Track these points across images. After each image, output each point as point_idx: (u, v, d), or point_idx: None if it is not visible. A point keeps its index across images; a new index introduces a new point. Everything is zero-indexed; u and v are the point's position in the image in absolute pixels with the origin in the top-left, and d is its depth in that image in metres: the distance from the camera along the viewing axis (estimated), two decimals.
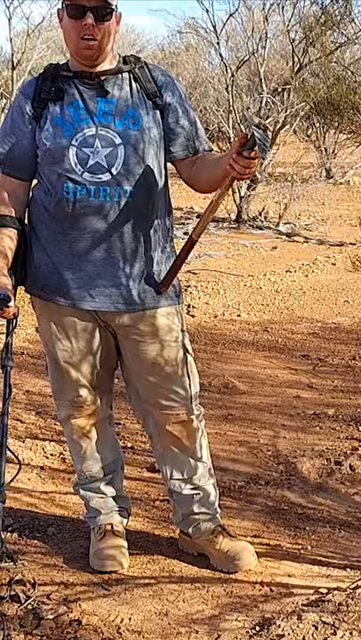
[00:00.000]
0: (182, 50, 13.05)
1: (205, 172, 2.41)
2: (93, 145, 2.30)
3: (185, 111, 2.41)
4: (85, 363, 2.48)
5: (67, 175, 2.31)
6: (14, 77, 9.78)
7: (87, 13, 2.24)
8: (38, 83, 2.36)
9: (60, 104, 2.33)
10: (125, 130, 2.32)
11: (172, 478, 2.58)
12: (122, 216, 2.33)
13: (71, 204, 2.32)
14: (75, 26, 2.26)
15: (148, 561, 2.63)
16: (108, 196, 2.31)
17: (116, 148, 2.31)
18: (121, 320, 2.43)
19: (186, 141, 2.42)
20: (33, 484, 3.12)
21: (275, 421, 3.85)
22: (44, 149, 2.33)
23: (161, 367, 2.46)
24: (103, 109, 2.32)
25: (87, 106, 2.32)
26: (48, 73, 2.37)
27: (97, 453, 2.60)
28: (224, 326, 5.40)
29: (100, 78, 2.33)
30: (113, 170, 2.31)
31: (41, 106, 2.33)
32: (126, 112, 2.33)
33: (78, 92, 2.33)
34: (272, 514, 2.97)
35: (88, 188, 2.30)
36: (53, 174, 2.33)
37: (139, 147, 2.33)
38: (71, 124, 2.31)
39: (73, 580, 2.51)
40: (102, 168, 2.30)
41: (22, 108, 2.36)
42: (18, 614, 2.31)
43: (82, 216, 2.33)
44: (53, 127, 2.32)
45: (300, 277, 6.73)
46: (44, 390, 4.08)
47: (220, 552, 2.58)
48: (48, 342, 2.49)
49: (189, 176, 2.46)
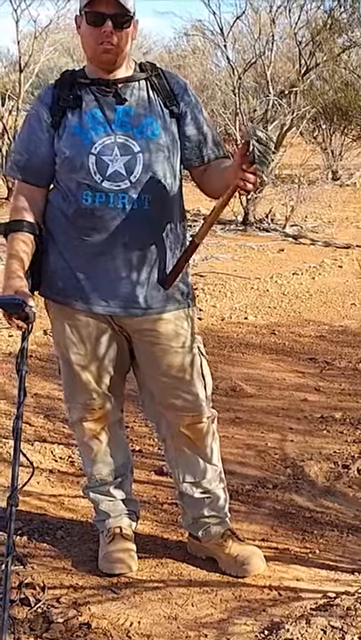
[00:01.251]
0: (189, 52, 13.06)
1: (213, 180, 2.44)
2: (112, 153, 2.32)
3: (199, 119, 2.44)
4: (98, 366, 2.49)
5: (86, 183, 2.33)
6: (22, 80, 9.79)
7: (106, 20, 2.25)
8: (56, 90, 2.38)
9: (79, 112, 2.34)
10: (143, 138, 2.34)
11: (184, 481, 2.60)
12: (139, 222, 2.36)
13: (90, 211, 2.34)
14: (93, 33, 2.28)
15: (156, 564, 2.64)
16: (126, 203, 2.33)
17: (135, 156, 2.33)
18: (135, 324, 2.45)
19: (199, 149, 2.45)
20: (42, 488, 3.13)
21: (282, 424, 3.86)
22: (63, 158, 2.35)
23: (174, 370, 2.48)
24: (121, 117, 2.34)
25: (105, 114, 2.34)
26: (65, 80, 2.39)
27: (107, 456, 2.61)
28: (231, 329, 5.41)
29: (117, 86, 2.35)
30: (132, 177, 2.33)
31: (59, 114, 2.34)
32: (144, 120, 2.35)
33: (96, 99, 2.35)
34: (280, 517, 2.97)
35: (107, 195, 2.32)
36: (72, 182, 2.35)
37: (156, 154, 2.35)
38: (90, 132, 2.33)
39: (82, 583, 2.53)
40: (121, 176, 2.32)
41: (40, 115, 2.37)
42: (28, 618, 2.32)
43: (100, 222, 2.35)
44: (72, 135, 2.34)
45: (307, 280, 6.74)
46: (52, 393, 4.10)
47: (229, 556, 2.59)
48: (62, 346, 2.50)
49: (201, 182, 2.50)
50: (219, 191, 2.37)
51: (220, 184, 2.35)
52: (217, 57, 11.88)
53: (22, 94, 9.86)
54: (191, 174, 2.52)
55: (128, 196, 2.34)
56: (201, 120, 2.46)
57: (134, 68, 2.41)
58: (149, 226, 2.38)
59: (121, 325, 2.47)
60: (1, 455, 3.37)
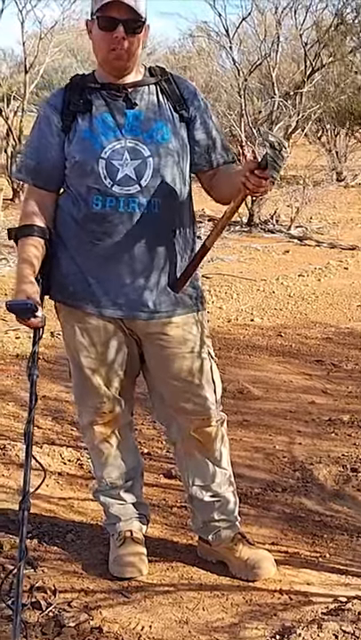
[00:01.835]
0: (193, 53, 13.06)
1: (222, 185, 2.45)
2: (122, 157, 2.33)
3: (209, 124, 2.44)
4: (109, 369, 2.50)
5: (96, 187, 2.33)
6: (27, 81, 9.79)
7: (118, 26, 2.25)
8: (66, 94, 2.38)
9: (89, 116, 2.34)
10: (153, 142, 2.34)
11: (194, 485, 2.60)
12: (149, 226, 2.36)
13: (100, 216, 2.35)
14: (105, 38, 2.28)
15: (167, 568, 2.64)
16: (136, 207, 2.34)
17: (145, 161, 2.33)
18: (144, 327, 2.45)
19: (208, 154, 2.45)
20: (51, 490, 3.13)
21: (290, 427, 3.86)
22: (73, 162, 2.35)
23: (184, 373, 2.48)
24: (131, 122, 2.34)
25: (115, 118, 2.34)
26: (75, 85, 2.39)
27: (118, 460, 2.61)
28: (238, 331, 5.41)
29: (127, 90, 2.35)
30: (142, 182, 2.33)
31: (69, 118, 2.35)
32: (154, 124, 2.35)
33: (106, 103, 2.35)
34: (290, 521, 2.97)
35: (117, 199, 2.33)
36: (82, 186, 2.35)
37: (166, 159, 2.36)
38: (100, 136, 2.33)
39: (93, 586, 2.53)
40: (131, 180, 2.33)
41: (50, 119, 2.38)
42: (39, 621, 2.32)
43: (110, 226, 2.35)
44: (82, 140, 2.34)
45: (312, 282, 6.74)
46: (60, 395, 4.10)
47: (239, 560, 2.59)
48: (72, 349, 2.50)
49: (210, 187, 2.50)
50: (227, 196, 2.39)
51: (229, 189, 2.36)
52: (222, 58, 11.89)
53: (27, 95, 9.85)
54: (200, 179, 2.53)
55: (138, 200, 2.34)
56: (210, 125, 2.47)
57: (144, 72, 2.41)
58: (159, 230, 2.39)
59: (131, 329, 2.47)
60: (10, 458, 3.37)
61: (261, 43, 9.04)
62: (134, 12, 2.26)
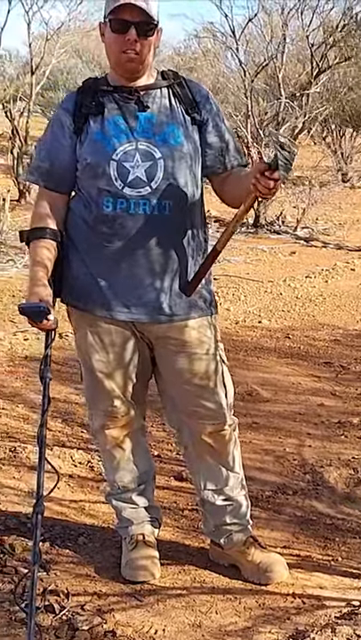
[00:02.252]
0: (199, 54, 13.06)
1: (234, 188, 2.45)
2: (133, 159, 2.33)
3: (221, 127, 2.44)
4: (121, 373, 2.49)
5: (107, 189, 2.33)
6: (33, 82, 9.80)
7: (130, 28, 2.25)
8: (78, 97, 2.38)
9: (101, 119, 2.34)
10: (165, 144, 2.34)
11: (206, 489, 2.60)
12: (160, 229, 2.36)
13: (111, 218, 2.35)
14: (117, 40, 2.29)
15: (179, 571, 2.64)
16: (147, 209, 2.33)
17: (156, 162, 2.33)
18: (156, 331, 2.45)
19: (220, 157, 2.45)
20: (62, 493, 3.13)
21: (300, 430, 3.85)
22: (85, 164, 2.35)
23: (197, 378, 2.48)
24: (143, 124, 2.34)
25: (127, 120, 2.34)
26: (88, 87, 2.39)
27: (130, 464, 2.61)
28: (245, 333, 5.41)
29: (139, 93, 2.35)
30: (153, 184, 2.33)
31: (81, 120, 2.35)
32: (166, 127, 2.35)
33: (118, 106, 2.35)
34: (301, 524, 2.97)
35: (128, 201, 2.33)
36: (93, 188, 2.35)
37: (178, 161, 2.36)
38: (111, 138, 2.33)
39: (106, 590, 2.52)
40: (142, 182, 2.33)
41: (63, 122, 2.38)
42: (53, 625, 2.32)
43: (121, 229, 2.35)
44: (94, 142, 2.34)
45: (319, 283, 6.74)
46: (69, 397, 4.10)
47: (251, 563, 2.59)
48: (84, 353, 2.50)
49: (221, 190, 2.51)
50: (239, 199, 2.39)
51: (241, 192, 2.36)
52: (227, 59, 11.89)
53: (34, 96, 9.86)
54: (212, 182, 2.52)
55: (149, 202, 2.34)
56: (223, 128, 2.47)
57: (156, 76, 2.41)
58: (170, 232, 2.39)
59: (142, 332, 2.47)
60: (20, 460, 3.37)
61: (268, 44, 9.04)
62: (146, 14, 2.27)
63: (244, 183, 2.32)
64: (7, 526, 2.84)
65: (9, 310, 5.71)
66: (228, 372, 2.55)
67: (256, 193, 2.24)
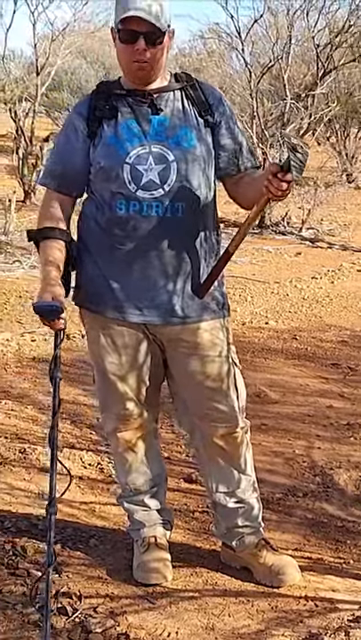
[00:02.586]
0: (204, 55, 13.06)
1: (247, 190, 2.46)
2: (147, 162, 2.33)
3: (233, 129, 2.44)
4: (133, 375, 2.49)
5: (120, 192, 2.34)
6: (39, 82, 9.81)
7: (139, 39, 2.25)
8: (92, 101, 2.39)
9: (114, 122, 2.35)
10: (178, 147, 2.35)
11: (218, 491, 2.60)
12: (173, 231, 2.36)
13: (124, 220, 2.35)
14: (127, 50, 2.29)
15: (191, 574, 2.64)
16: (160, 211, 2.34)
17: (169, 165, 2.34)
18: (169, 333, 2.45)
19: (233, 159, 2.45)
20: (72, 495, 3.12)
21: (309, 431, 3.85)
22: (98, 167, 2.36)
23: (209, 380, 2.48)
24: (156, 127, 2.35)
25: (140, 124, 2.35)
26: (101, 91, 2.39)
27: (142, 467, 2.61)
28: (252, 334, 5.41)
29: (152, 96, 2.35)
30: (166, 186, 2.33)
31: (95, 124, 2.35)
32: (179, 130, 2.36)
33: (132, 109, 2.36)
34: (312, 527, 2.97)
35: (141, 203, 2.33)
36: (107, 191, 2.36)
37: (191, 164, 2.36)
38: (125, 142, 2.33)
39: (118, 592, 2.52)
40: (155, 185, 2.33)
41: (76, 126, 2.39)
42: (66, 627, 2.32)
43: (134, 231, 2.35)
44: (107, 146, 2.34)
45: (326, 284, 6.73)
46: (78, 399, 4.10)
47: (263, 566, 2.58)
48: (97, 355, 2.50)
49: (234, 192, 2.51)
50: (252, 201, 2.39)
51: (254, 193, 2.37)
52: (232, 60, 11.88)
53: (39, 97, 9.87)
54: (225, 185, 2.53)
55: (162, 204, 2.34)
56: (236, 130, 2.47)
57: (169, 78, 2.41)
58: (183, 234, 2.39)
59: (155, 334, 2.47)
60: (30, 461, 3.38)
61: (274, 45, 9.03)
62: (154, 25, 2.26)
63: (257, 185, 2.32)
64: (19, 528, 2.84)
65: (16, 311, 5.72)
66: (240, 375, 2.55)
67: (268, 195, 2.24)
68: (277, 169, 2.19)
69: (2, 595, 2.46)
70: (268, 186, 2.21)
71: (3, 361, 4.69)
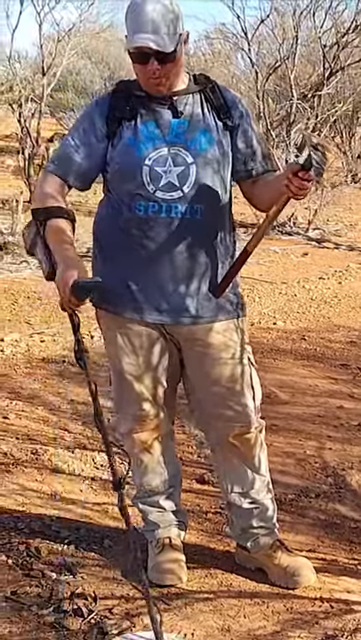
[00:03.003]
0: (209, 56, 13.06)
1: (264, 192, 2.46)
2: (166, 164, 2.33)
3: (251, 132, 2.45)
4: (150, 376, 2.49)
5: (139, 193, 2.33)
6: (45, 83, 9.81)
7: (151, 58, 2.25)
8: (112, 100, 2.38)
9: (134, 123, 2.35)
10: (197, 149, 2.35)
11: (233, 492, 2.59)
12: (191, 232, 2.37)
13: (144, 221, 2.35)
14: (141, 69, 2.30)
15: (205, 575, 2.63)
16: (179, 213, 2.34)
17: (188, 167, 2.34)
18: (186, 333, 2.46)
19: (251, 162, 2.46)
20: (85, 496, 3.13)
21: (320, 432, 3.84)
22: (117, 168, 2.36)
23: (224, 380, 2.48)
24: (175, 129, 2.35)
25: (160, 125, 2.35)
26: (121, 91, 2.39)
27: (158, 468, 2.61)
28: (261, 334, 5.40)
29: (172, 99, 2.36)
30: (185, 188, 2.34)
31: (115, 124, 2.35)
32: (198, 132, 2.37)
33: (151, 111, 2.36)
34: (325, 528, 2.96)
35: (160, 205, 2.33)
36: (125, 192, 2.36)
37: (209, 166, 2.37)
38: (144, 143, 2.33)
39: (133, 593, 2.51)
40: (174, 186, 2.33)
41: (95, 122, 2.38)
42: (82, 629, 2.32)
43: (152, 232, 2.36)
44: (126, 147, 2.34)
45: (333, 285, 6.73)
46: (88, 400, 4.05)
47: (278, 567, 2.58)
48: (114, 356, 2.50)
49: (251, 195, 2.52)
50: (269, 202, 2.41)
51: (271, 194, 2.38)
52: (237, 60, 11.88)
53: (45, 97, 9.87)
54: (241, 187, 2.53)
55: (181, 206, 2.35)
56: (253, 133, 2.48)
57: (189, 79, 2.41)
58: (202, 235, 2.40)
59: (172, 334, 2.47)
60: (42, 462, 3.37)
61: (280, 45, 9.03)
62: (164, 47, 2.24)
63: (275, 186, 2.34)
64: (32, 529, 2.83)
65: (24, 312, 5.72)
66: (256, 375, 2.55)
67: (289, 194, 2.25)
68: (298, 168, 2.19)
69: (17, 596, 2.45)
70: (289, 185, 2.22)
71: (12, 362, 4.69)
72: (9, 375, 4.47)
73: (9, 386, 4.30)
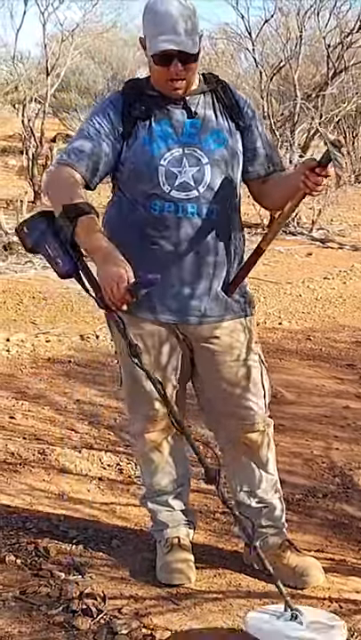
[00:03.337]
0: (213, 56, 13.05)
1: (274, 190, 2.48)
2: (181, 164, 2.34)
3: (261, 133, 2.48)
4: (163, 375, 2.49)
5: (155, 193, 2.34)
6: (49, 83, 9.81)
7: (174, 60, 2.25)
8: (125, 99, 2.37)
9: (148, 123, 2.35)
10: (211, 150, 2.36)
11: (241, 491, 2.60)
12: (205, 232, 2.38)
13: (160, 221, 2.36)
14: (163, 71, 2.30)
15: (214, 575, 2.63)
16: (194, 213, 2.36)
17: (203, 168, 2.35)
18: (197, 332, 2.47)
19: (261, 162, 2.49)
20: (93, 496, 3.13)
21: (326, 432, 3.84)
22: (132, 168, 2.36)
23: (234, 379, 2.49)
24: (189, 129, 2.36)
25: (174, 125, 2.35)
26: (131, 90, 2.39)
27: (167, 467, 2.61)
28: (266, 335, 5.39)
29: (185, 99, 2.36)
30: (200, 188, 2.35)
31: (130, 124, 2.34)
32: (211, 132, 2.38)
33: (165, 111, 2.36)
34: (333, 528, 2.96)
35: (177, 205, 2.34)
36: (140, 192, 2.36)
37: (223, 166, 2.38)
38: (159, 143, 2.34)
39: (142, 593, 2.51)
40: (189, 186, 2.34)
41: (112, 118, 2.35)
42: (91, 628, 2.32)
43: (167, 232, 2.36)
44: (141, 146, 2.34)
45: (338, 285, 6.72)
46: (94, 399, 4.10)
47: (287, 567, 2.58)
48: (126, 355, 2.49)
49: (260, 194, 2.53)
50: (280, 201, 2.44)
51: (283, 194, 2.41)
52: (241, 60, 11.88)
53: (49, 97, 9.87)
54: (250, 187, 2.55)
55: (196, 206, 2.36)
56: (263, 133, 2.50)
57: (199, 79, 2.41)
58: (216, 235, 2.41)
59: (185, 334, 2.48)
60: (50, 462, 3.37)
61: (285, 45, 9.03)
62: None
63: (287, 183, 2.37)
64: (40, 529, 2.83)
65: (30, 312, 5.72)
66: (266, 374, 2.56)
67: (306, 190, 2.27)
68: (315, 164, 2.21)
69: (26, 596, 2.45)
70: (306, 181, 2.24)
71: (18, 362, 4.69)
72: (15, 375, 4.48)
73: (15, 386, 4.30)
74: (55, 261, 2.31)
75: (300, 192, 2.30)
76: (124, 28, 15.69)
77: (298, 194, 2.31)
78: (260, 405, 2.53)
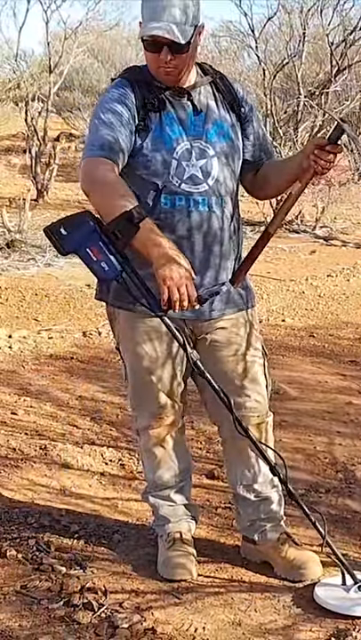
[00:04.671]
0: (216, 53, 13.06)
1: (274, 175, 2.49)
2: (190, 157, 2.34)
3: (258, 123, 2.49)
4: (166, 371, 2.48)
5: (165, 186, 2.33)
6: (52, 81, 9.81)
7: (163, 48, 2.25)
8: (135, 90, 2.33)
9: (159, 116, 2.34)
10: (216, 142, 2.37)
11: (241, 484, 2.59)
12: (213, 224, 2.39)
13: (169, 214, 2.35)
14: (152, 58, 2.30)
15: (215, 569, 2.63)
16: (205, 205, 2.36)
17: (210, 160, 2.36)
18: (201, 326, 2.46)
19: (258, 152, 2.50)
20: (94, 491, 3.13)
21: (329, 428, 3.83)
22: (145, 160, 2.33)
23: (236, 371, 2.49)
24: (194, 122, 2.36)
25: (181, 118, 2.35)
26: (138, 79, 2.35)
27: (170, 462, 2.60)
28: (269, 331, 5.38)
29: (189, 93, 2.36)
30: (209, 180, 2.36)
31: (145, 115, 2.32)
32: (215, 124, 2.38)
33: (172, 104, 2.36)
34: (336, 523, 2.95)
35: (187, 198, 2.34)
36: (150, 185, 2.35)
37: (228, 157, 2.40)
38: (170, 136, 2.34)
39: (143, 588, 2.51)
40: (198, 179, 2.35)
41: (129, 106, 2.30)
42: (92, 622, 2.31)
43: (176, 225, 2.36)
44: (154, 139, 2.33)
45: (341, 282, 6.71)
46: (96, 395, 4.09)
47: (285, 560, 2.57)
48: (131, 352, 2.49)
49: (252, 184, 2.55)
50: (280, 187, 2.47)
51: (285, 178, 2.42)
52: (244, 58, 11.87)
53: (52, 96, 9.87)
54: (243, 178, 2.54)
55: (205, 198, 2.36)
56: (260, 123, 2.52)
57: (197, 71, 2.40)
58: (221, 227, 2.42)
59: (192, 329, 2.47)
60: (51, 458, 3.37)
61: (288, 43, 9.02)
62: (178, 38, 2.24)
63: (291, 167, 2.39)
64: (41, 524, 2.83)
65: (32, 309, 5.72)
66: (268, 365, 2.57)
67: (317, 169, 2.26)
68: (325, 142, 2.20)
69: (27, 590, 2.45)
70: (317, 160, 2.24)
71: (20, 358, 4.69)
72: (17, 371, 4.48)
73: (17, 382, 4.30)
74: (99, 265, 2.20)
75: (309, 172, 2.28)
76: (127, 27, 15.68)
77: (306, 175, 2.30)
78: (261, 397, 2.54)
